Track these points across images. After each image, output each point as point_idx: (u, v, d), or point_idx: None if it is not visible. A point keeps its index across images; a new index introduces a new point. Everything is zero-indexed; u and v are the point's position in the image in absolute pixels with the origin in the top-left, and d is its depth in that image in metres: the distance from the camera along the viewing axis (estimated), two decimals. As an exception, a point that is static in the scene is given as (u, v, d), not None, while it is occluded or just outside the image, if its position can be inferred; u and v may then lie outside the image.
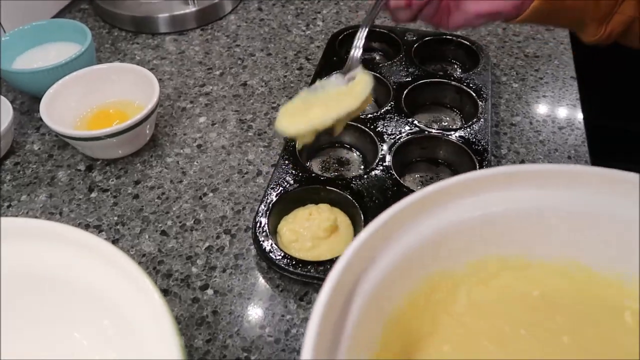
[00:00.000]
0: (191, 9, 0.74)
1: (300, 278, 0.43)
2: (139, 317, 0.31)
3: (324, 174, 0.52)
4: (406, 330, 0.31)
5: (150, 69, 0.60)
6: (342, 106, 0.43)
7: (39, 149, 0.57)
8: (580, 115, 0.60)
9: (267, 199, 0.48)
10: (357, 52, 0.47)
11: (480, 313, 0.33)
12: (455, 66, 0.68)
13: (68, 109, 0.55)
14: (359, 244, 0.29)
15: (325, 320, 0.26)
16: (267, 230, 0.45)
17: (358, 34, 0.48)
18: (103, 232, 0.48)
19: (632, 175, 0.32)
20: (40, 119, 0.60)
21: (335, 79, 0.46)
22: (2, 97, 0.56)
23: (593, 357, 0.31)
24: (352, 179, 0.50)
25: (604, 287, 0.33)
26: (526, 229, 0.33)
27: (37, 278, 0.36)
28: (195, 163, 0.55)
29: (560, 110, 0.61)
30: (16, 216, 0.50)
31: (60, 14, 0.77)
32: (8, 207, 0.51)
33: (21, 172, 0.54)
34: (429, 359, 0.31)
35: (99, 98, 0.57)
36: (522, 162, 0.55)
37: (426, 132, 0.54)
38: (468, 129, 0.54)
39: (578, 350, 0.31)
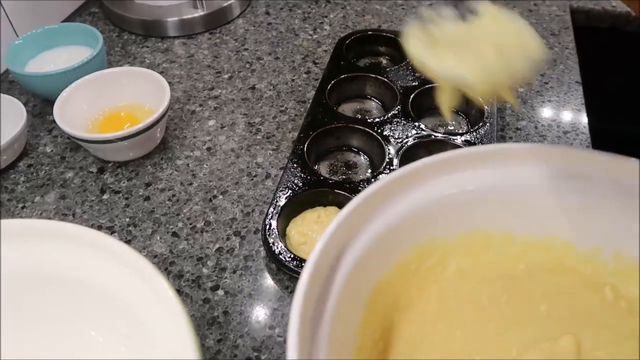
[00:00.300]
0: (200, 12, 0.75)
1: (310, 279, 0.44)
2: (155, 316, 0.32)
3: (332, 177, 0.53)
4: (393, 295, 0.33)
5: (160, 72, 0.61)
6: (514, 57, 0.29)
7: (52, 151, 0.58)
8: (585, 120, 0.61)
9: (276, 201, 0.49)
10: None
11: (466, 282, 0.35)
12: (461, 70, 0.68)
13: (80, 112, 0.56)
14: (348, 211, 0.31)
15: (311, 285, 0.27)
16: (277, 233, 0.46)
17: None
18: (115, 234, 0.49)
19: (613, 158, 0.33)
20: (53, 122, 0.61)
21: (449, 12, 0.32)
22: (16, 100, 0.57)
23: (568, 325, 0.32)
24: (360, 182, 0.50)
25: (586, 263, 0.35)
26: (513, 206, 0.35)
27: (52, 278, 0.37)
28: (205, 166, 0.56)
29: (565, 114, 0.62)
30: (30, 217, 0.51)
31: (70, 17, 0.78)
32: (22, 208, 0.52)
33: (34, 174, 0.55)
34: (411, 318, 0.32)
35: (110, 101, 0.58)
36: (528, 166, 0.55)
37: (432, 136, 0.55)
38: (474, 133, 0.55)
39: (554, 319, 0.33)
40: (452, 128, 0.60)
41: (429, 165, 0.34)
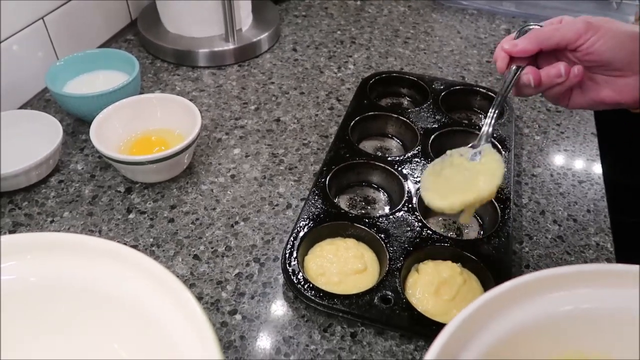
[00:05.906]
0: (230, 46, 0.79)
1: (326, 310, 0.45)
2: (182, 334, 0.33)
3: (351, 211, 0.54)
4: None
5: (190, 100, 0.63)
6: (481, 186, 0.43)
7: (82, 168, 0.60)
8: (599, 171, 0.62)
9: (297, 231, 0.50)
10: (488, 128, 0.46)
11: None
12: (480, 115, 0.70)
13: (114, 133, 0.59)
14: (453, 328, 0.31)
15: None
16: (296, 262, 0.47)
17: (491, 109, 0.46)
18: (139, 252, 0.51)
19: None
20: (85, 140, 0.64)
21: (464, 152, 0.46)
22: (53, 118, 0.59)
23: None
24: (379, 217, 0.52)
25: None
26: (610, 329, 0.34)
27: (80, 290, 0.39)
28: (228, 192, 0.58)
29: (580, 164, 0.63)
30: (58, 231, 0.53)
31: (107, 43, 0.82)
32: (51, 222, 0.54)
33: (64, 190, 0.57)
34: None
35: (143, 125, 0.61)
36: (543, 212, 0.56)
37: (451, 178, 0.57)
38: (491, 177, 0.56)
39: None
40: (469, 171, 0.62)
41: (535, 281, 0.34)
